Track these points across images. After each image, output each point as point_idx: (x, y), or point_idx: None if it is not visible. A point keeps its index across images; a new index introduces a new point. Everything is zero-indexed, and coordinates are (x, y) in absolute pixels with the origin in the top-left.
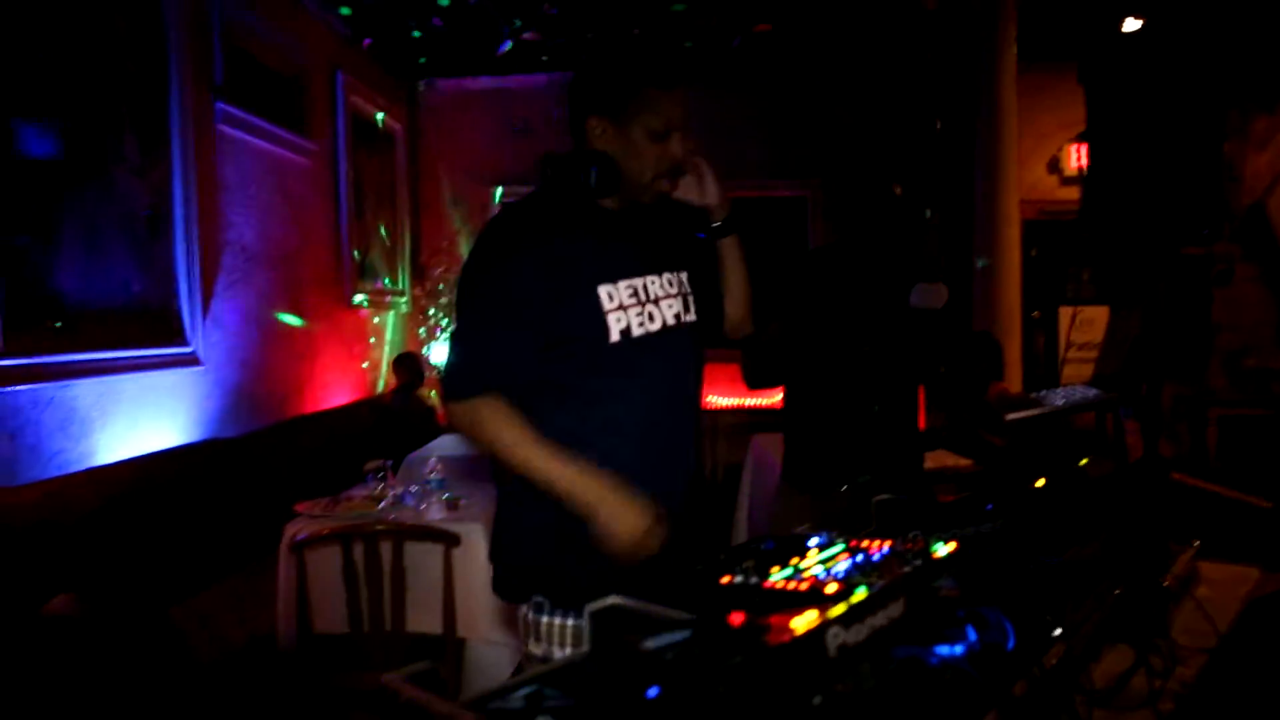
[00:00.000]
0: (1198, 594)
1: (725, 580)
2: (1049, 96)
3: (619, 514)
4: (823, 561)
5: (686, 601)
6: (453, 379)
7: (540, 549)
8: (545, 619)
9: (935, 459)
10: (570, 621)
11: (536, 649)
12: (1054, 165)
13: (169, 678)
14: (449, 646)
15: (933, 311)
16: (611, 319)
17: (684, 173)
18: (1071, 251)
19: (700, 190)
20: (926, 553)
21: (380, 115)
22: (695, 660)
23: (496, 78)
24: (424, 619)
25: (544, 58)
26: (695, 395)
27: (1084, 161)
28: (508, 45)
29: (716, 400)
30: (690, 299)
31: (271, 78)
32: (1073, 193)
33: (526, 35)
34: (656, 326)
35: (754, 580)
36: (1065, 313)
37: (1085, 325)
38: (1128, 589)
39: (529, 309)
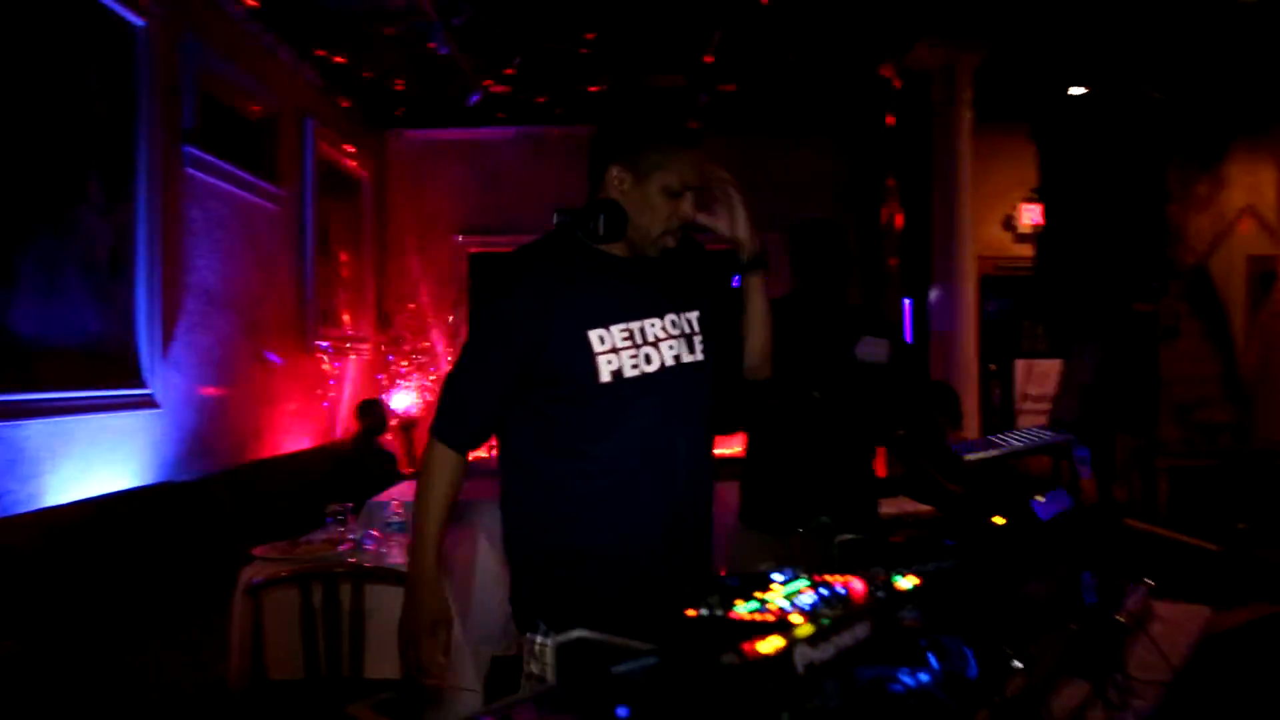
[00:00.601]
0: (1151, 630)
1: (690, 613)
2: (1003, 155)
3: (411, 605)
4: (787, 595)
5: (655, 635)
6: (436, 414)
7: (539, 579)
8: (539, 639)
9: (896, 505)
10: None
11: (534, 668)
12: (1008, 222)
13: None
14: (409, 692)
15: (879, 365)
16: (601, 361)
17: (687, 227)
18: (1026, 306)
19: (731, 222)
20: (890, 585)
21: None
22: (664, 681)
23: (465, 129)
24: (383, 665)
25: (512, 114)
26: (698, 433)
27: (1038, 219)
28: (477, 98)
29: None
30: (696, 340)
31: (241, 124)
32: (1027, 249)
33: (496, 88)
34: (653, 368)
35: (719, 613)
36: (1021, 365)
37: (1039, 378)
38: (1084, 624)
39: (513, 354)
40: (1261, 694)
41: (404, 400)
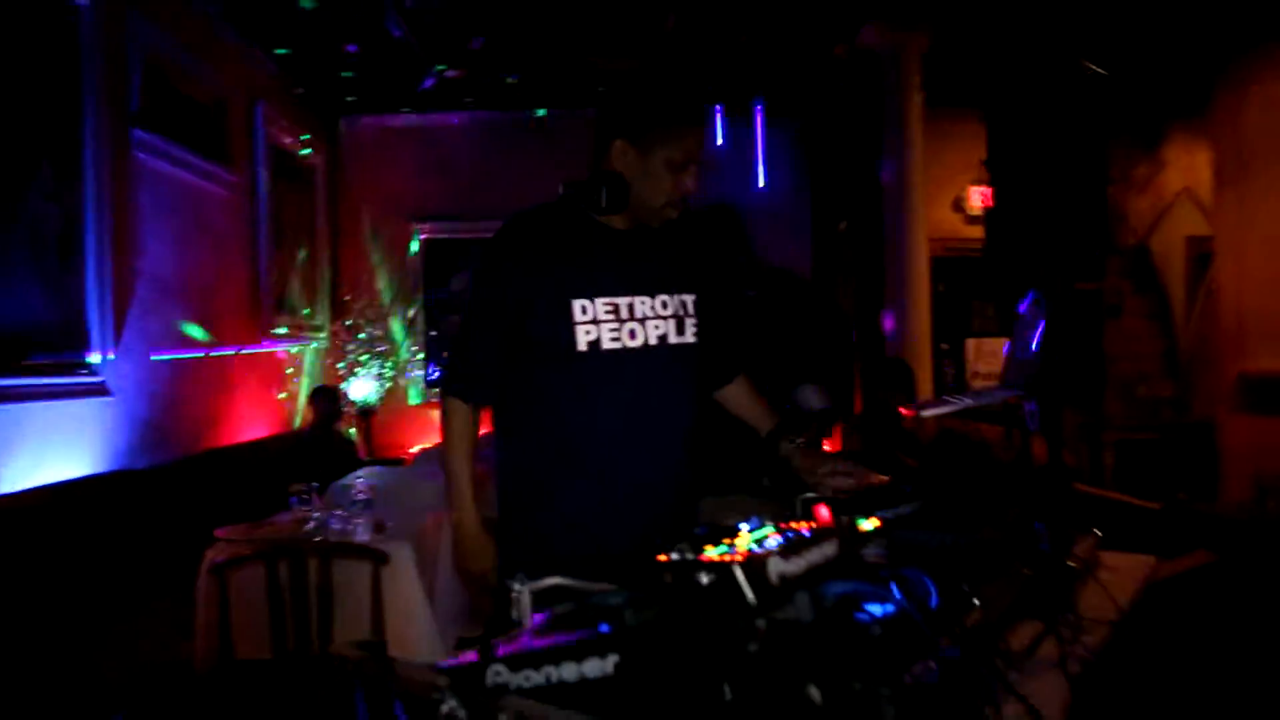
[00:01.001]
0: (1100, 576)
1: (662, 558)
2: (953, 139)
3: (461, 555)
4: (755, 540)
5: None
6: (443, 375)
7: (521, 536)
8: (516, 586)
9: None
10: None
11: (515, 615)
12: (958, 205)
13: (75, 703)
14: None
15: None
16: (580, 330)
17: (689, 199)
18: (976, 286)
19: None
20: (853, 526)
21: (305, 151)
22: (642, 602)
23: (418, 115)
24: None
25: (467, 99)
26: (677, 412)
27: (987, 201)
28: (431, 83)
29: None
30: (688, 322)
31: (190, 106)
32: (977, 230)
33: (450, 73)
34: (636, 344)
35: (690, 556)
36: (971, 344)
37: (989, 356)
38: (1037, 569)
39: (505, 313)
40: (1201, 631)
41: (362, 389)
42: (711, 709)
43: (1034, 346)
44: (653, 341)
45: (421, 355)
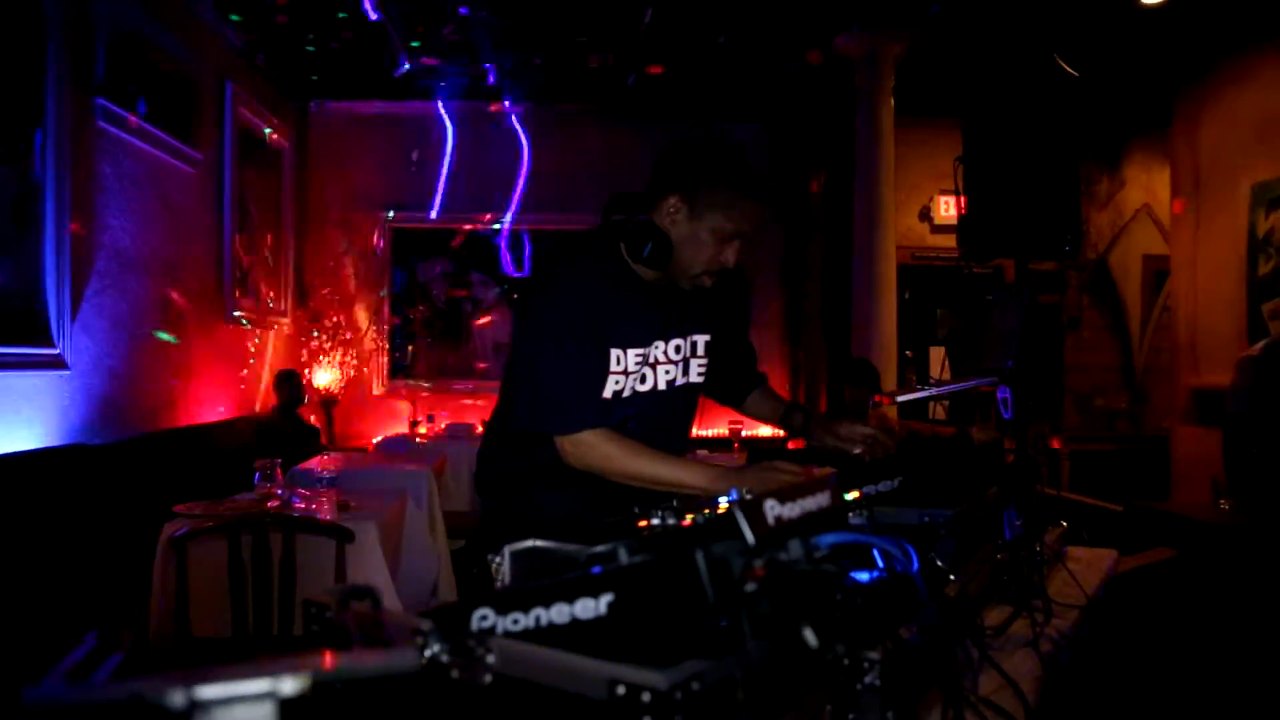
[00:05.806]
0: (1068, 565)
1: (642, 524)
2: (921, 149)
3: (752, 476)
4: None
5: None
6: (552, 415)
7: (500, 523)
8: (497, 559)
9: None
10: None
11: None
12: (925, 214)
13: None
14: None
15: None
16: (611, 380)
17: (727, 269)
18: (941, 294)
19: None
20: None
21: (267, 130)
22: (636, 546)
23: (389, 103)
24: None
25: (441, 84)
26: (672, 446)
27: (953, 211)
28: (405, 67)
29: None
30: (694, 363)
31: (158, 80)
32: (943, 239)
33: (426, 59)
34: (645, 388)
35: (671, 521)
36: (935, 352)
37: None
38: (1009, 554)
39: (587, 344)
40: (1162, 620)
41: (325, 377)
42: (707, 648)
43: (1010, 334)
44: (661, 386)
45: (386, 344)
